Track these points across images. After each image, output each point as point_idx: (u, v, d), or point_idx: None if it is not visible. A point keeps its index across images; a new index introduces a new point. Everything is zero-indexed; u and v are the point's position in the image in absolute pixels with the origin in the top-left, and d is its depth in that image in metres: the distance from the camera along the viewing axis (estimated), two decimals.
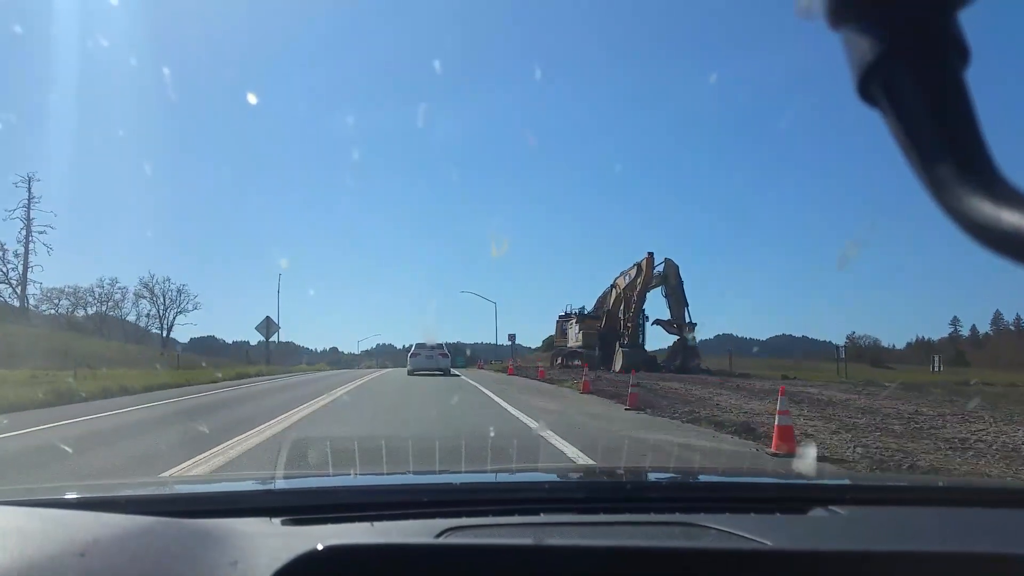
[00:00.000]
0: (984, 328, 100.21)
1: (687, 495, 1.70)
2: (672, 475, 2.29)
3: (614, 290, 36.24)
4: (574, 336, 39.07)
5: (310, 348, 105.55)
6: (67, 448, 7.11)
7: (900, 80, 0.47)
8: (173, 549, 1.04)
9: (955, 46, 0.46)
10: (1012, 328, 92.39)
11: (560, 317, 43.83)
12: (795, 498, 1.61)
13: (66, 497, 1.43)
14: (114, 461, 6.34)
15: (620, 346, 32.63)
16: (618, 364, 30.22)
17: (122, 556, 0.97)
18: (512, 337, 50.02)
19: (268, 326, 37.44)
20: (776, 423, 7.09)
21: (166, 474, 5.42)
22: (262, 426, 8.78)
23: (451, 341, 46.43)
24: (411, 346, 29.42)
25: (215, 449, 6.65)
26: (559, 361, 40.21)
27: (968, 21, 0.46)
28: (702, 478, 2.24)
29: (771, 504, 1.54)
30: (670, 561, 1.06)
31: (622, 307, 34.81)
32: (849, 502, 1.53)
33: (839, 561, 1.10)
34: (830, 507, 1.47)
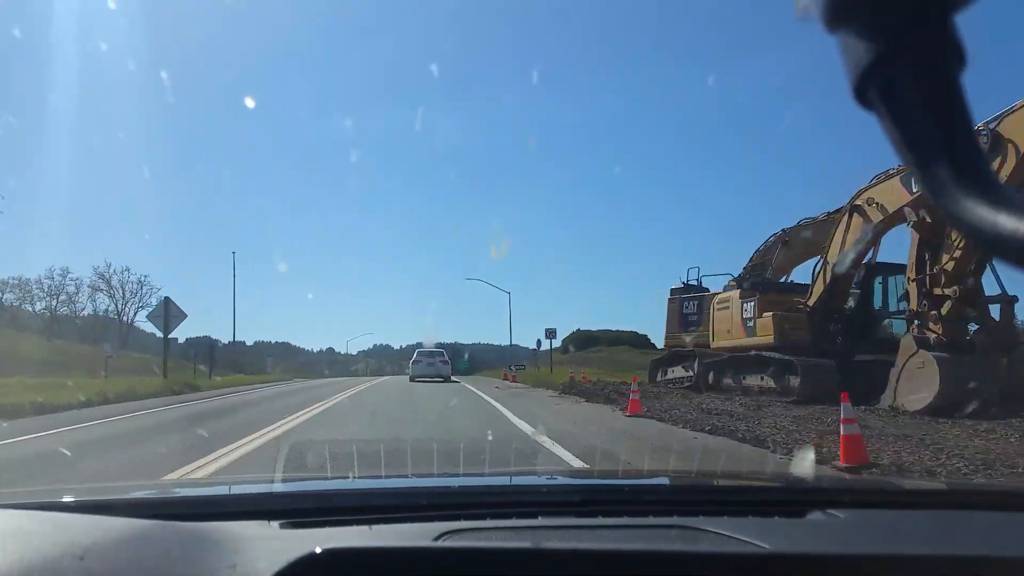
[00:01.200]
0: None
1: (685, 498, 1.70)
2: (670, 478, 2.29)
3: (853, 219, 13.62)
4: (742, 324, 16.59)
5: (307, 349, 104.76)
6: None
7: (897, 83, 0.48)
8: (172, 552, 1.04)
9: (952, 49, 0.47)
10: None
11: (677, 292, 20.61)
12: (793, 501, 1.62)
13: (65, 500, 1.43)
14: None
15: (920, 346, 11.36)
16: (928, 393, 10.71)
17: (121, 559, 0.97)
18: (551, 333, 34.09)
19: (166, 312, 23.57)
20: None
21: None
22: None
23: (448, 341, 40.83)
24: (407, 346, 30.02)
25: None
26: (665, 375, 19.75)
27: (965, 24, 0.46)
28: (700, 481, 2.24)
29: (769, 507, 1.54)
30: (668, 564, 1.06)
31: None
32: (847, 505, 1.53)
33: (837, 564, 1.10)
34: (828, 510, 1.48)
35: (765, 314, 15.85)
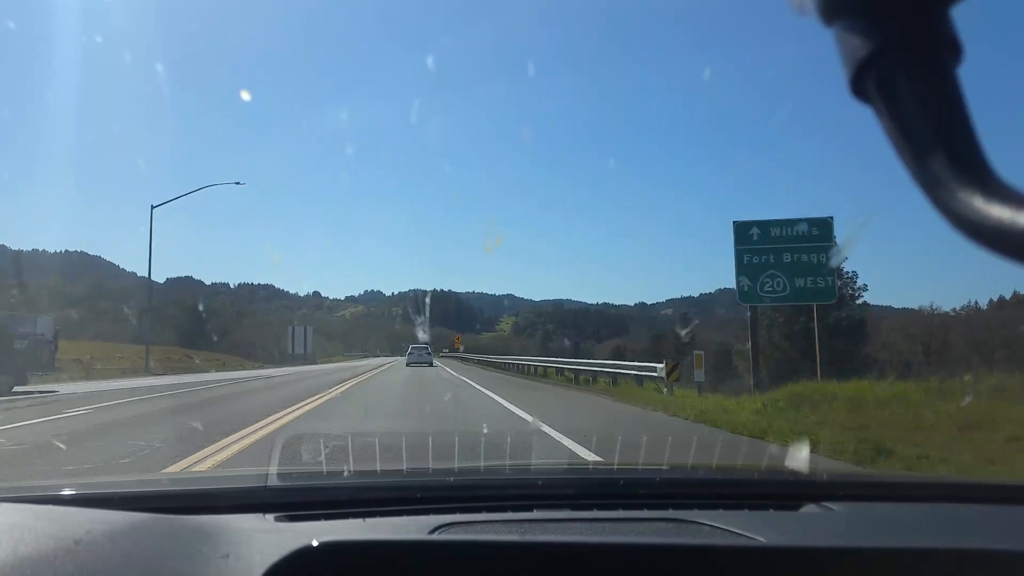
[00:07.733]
0: None
1: (680, 491, 1.71)
2: (665, 471, 2.29)
3: None
4: None
5: (291, 292, 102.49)
6: None
7: (893, 77, 0.47)
8: (167, 545, 1.04)
9: (948, 43, 0.46)
10: None
11: None
12: (788, 495, 1.62)
13: (60, 493, 1.42)
14: None
15: None
16: None
17: (116, 552, 0.97)
18: None
19: None
20: None
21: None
22: None
23: (444, 289, 46.52)
24: (398, 293, 38.76)
25: None
26: None
27: (961, 18, 0.46)
28: (694, 475, 2.25)
29: (764, 500, 1.54)
30: (663, 557, 1.07)
31: None
32: (842, 498, 1.53)
33: (832, 557, 1.10)
34: (823, 503, 1.48)
35: None
